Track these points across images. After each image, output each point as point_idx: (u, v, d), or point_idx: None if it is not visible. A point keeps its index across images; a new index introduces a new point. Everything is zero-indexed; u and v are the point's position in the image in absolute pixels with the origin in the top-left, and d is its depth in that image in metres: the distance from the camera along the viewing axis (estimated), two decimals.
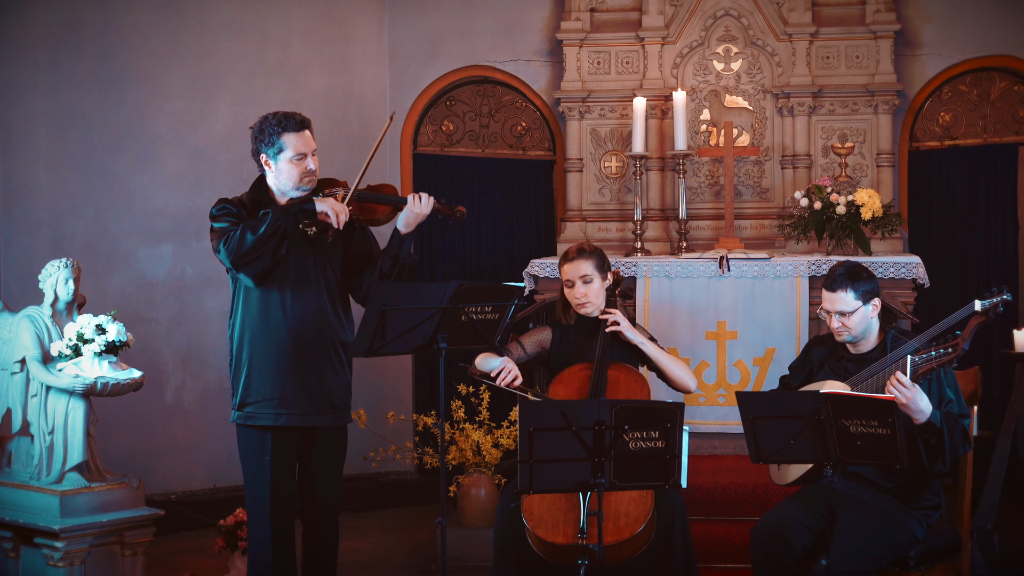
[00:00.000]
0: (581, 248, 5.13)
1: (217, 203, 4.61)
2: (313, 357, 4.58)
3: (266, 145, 4.58)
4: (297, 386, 4.57)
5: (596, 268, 5.10)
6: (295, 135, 4.57)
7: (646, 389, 4.95)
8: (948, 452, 4.44)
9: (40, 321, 5.45)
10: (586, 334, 5.12)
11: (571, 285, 5.10)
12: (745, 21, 7.61)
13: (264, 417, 4.58)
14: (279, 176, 4.61)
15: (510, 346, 5.16)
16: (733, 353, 6.67)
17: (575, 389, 4.93)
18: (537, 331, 5.25)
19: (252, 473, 4.63)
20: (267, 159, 4.61)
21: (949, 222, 7.64)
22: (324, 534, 4.74)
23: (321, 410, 4.62)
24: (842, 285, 4.62)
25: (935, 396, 4.50)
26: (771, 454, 4.29)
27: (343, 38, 7.82)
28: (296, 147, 4.57)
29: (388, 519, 7.41)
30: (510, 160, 8.03)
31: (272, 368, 4.57)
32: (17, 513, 5.36)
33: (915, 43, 7.59)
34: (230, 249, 4.45)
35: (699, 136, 7.63)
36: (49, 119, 6.91)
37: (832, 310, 4.66)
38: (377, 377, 7.70)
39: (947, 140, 7.65)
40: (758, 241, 7.44)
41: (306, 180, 4.60)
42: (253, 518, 4.66)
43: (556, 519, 4.60)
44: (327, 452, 4.71)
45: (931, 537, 4.66)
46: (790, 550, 4.51)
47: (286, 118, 4.59)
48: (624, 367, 5.01)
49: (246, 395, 4.60)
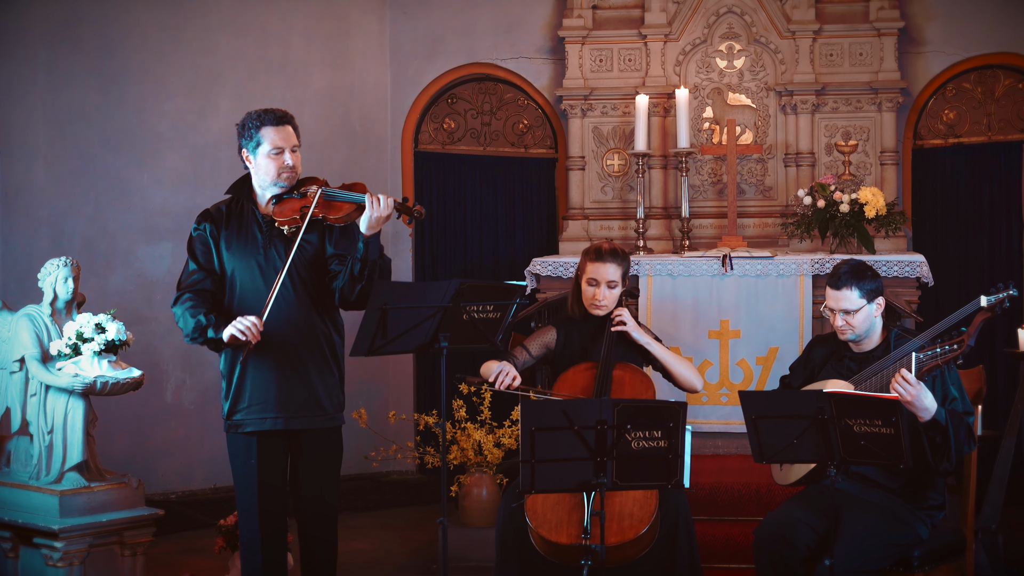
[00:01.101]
0: (615, 250, 5.05)
1: (197, 220, 4.65)
2: (296, 360, 4.54)
3: (246, 140, 4.55)
4: (281, 390, 4.54)
5: (622, 275, 5.06)
6: (273, 129, 4.52)
7: (651, 389, 4.93)
8: (954, 450, 4.43)
9: (39, 320, 5.44)
10: (592, 333, 5.09)
11: (594, 284, 5.03)
12: (748, 18, 7.58)
13: (249, 423, 4.57)
14: (258, 171, 4.56)
15: (515, 351, 5.13)
16: (736, 352, 6.67)
17: (580, 388, 4.90)
18: (541, 332, 5.21)
19: (240, 478, 4.62)
20: (247, 154, 4.57)
21: (953, 220, 7.63)
22: (320, 535, 4.72)
23: (309, 412, 4.58)
24: (847, 283, 4.60)
25: (939, 394, 4.48)
26: (774, 454, 4.28)
27: (344, 36, 7.80)
28: (273, 141, 4.51)
29: (389, 519, 7.40)
30: (512, 158, 8.02)
31: (254, 374, 4.55)
32: (16, 513, 5.35)
33: (919, 40, 7.57)
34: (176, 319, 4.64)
35: (702, 134, 7.62)
36: (48, 117, 6.90)
37: (836, 308, 4.64)
38: (378, 376, 7.68)
39: (951, 138, 7.63)
40: (761, 239, 7.43)
41: (283, 176, 4.54)
42: (243, 521, 4.64)
43: (560, 519, 4.59)
44: (317, 455, 4.65)
45: (935, 537, 4.65)
46: (794, 550, 4.50)
47: (266, 112, 4.55)
48: (630, 367, 4.98)
49: (232, 403, 4.60)
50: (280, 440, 4.60)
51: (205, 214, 4.64)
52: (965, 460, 4.75)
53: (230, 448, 4.65)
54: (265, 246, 4.54)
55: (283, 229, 4.52)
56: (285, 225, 4.51)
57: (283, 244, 4.53)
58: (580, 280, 5.11)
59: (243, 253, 4.55)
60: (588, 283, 5.05)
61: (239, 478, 4.63)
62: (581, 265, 5.10)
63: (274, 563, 4.61)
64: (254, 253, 4.54)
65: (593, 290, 5.04)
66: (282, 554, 4.67)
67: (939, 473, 4.56)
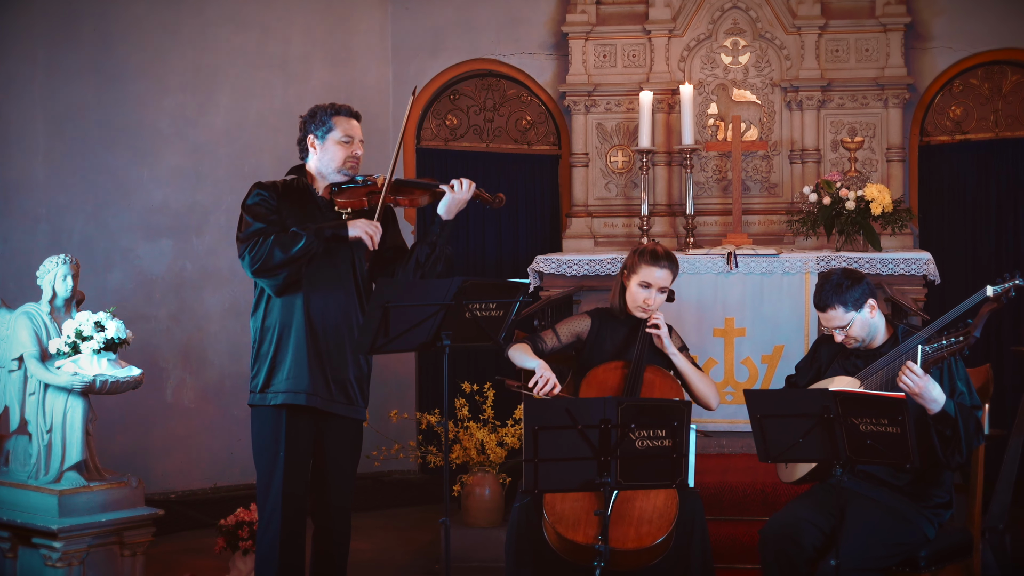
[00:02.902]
0: (671, 255, 5.06)
1: (252, 190, 4.64)
2: (334, 346, 4.61)
3: (316, 126, 4.72)
4: (317, 372, 4.58)
5: (673, 281, 5.05)
6: (346, 119, 4.74)
7: (680, 396, 4.92)
8: (964, 442, 4.42)
9: (38, 318, 5.44)
10: (625, 332, 5.08)
11: (646, 287, 5.02)
12: (753, 14, 7.55)
13: (283, 396, 4.57)
14: (323, 156, 4.70)
15: (544, 334, 5.15)
16: (741, 350, 6.65)
17: (611, 387, 4.92)
18: (576, 319, 5.22)
19: (263, 454, 4.62)
20: (314, 140, 4.71)
21: (960, 217, 7.60)
22: (336, 537, 4.75)
23: (341, 398, 4.64)
24: (830, 303, 4.61)
25: (947, 389, 4.47)
26: (779, 453, 4.28)
27: (345, 31, 7.79)
28: (346, 130, 4.71)
29: (391, 519, 7.39)
30: (515, 155, 7.99)
31: (294, 355, 4.58)
32: (15, 513, 5.35)
33: (925, 36, 7.54)
34: (255, 259, 4.48)
35: (706, 130, 7.59)
36: (47, 113, 6.89)
37: (830, 327, 4.67)
38: (380, 375, 7.59)
39: (958, 134, 7.60)
40: (766, 237, 7.40)
41: (348, 164, 4.72)
42: (263, 516, 4.64)
43: (578, 517, 4.59)
44: (341, 449, 4.71)
45: (942, 537, 4.65)
46: (800, 550, 4.50)
47: (341, 105, 4.78)
48: (660, 371, 5.00)
49: (267, 378, 4.60)
50: (308, 419, 4.63)
51: (259, 184, 4.68)
52: (972, 459, 4.73)
53: (255, 426, 4.65)
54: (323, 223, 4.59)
55: (344, 212, 4.63)
56: (349, 207, 4.64)
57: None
58: (627, 279, 5.09)
59: (301, 226, 4.55)
60: (640, 285, 5.04)
61: (262, 455, 4.63)
62: (632, 265, 5.07)
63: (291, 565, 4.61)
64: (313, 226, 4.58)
65: (646, 293, 5.03)
66: (300, 556, 4.66)
67: (950, 467, 4.54)
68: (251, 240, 4.50)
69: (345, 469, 4.74)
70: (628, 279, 5.07)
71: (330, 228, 4.55)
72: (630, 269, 5.07)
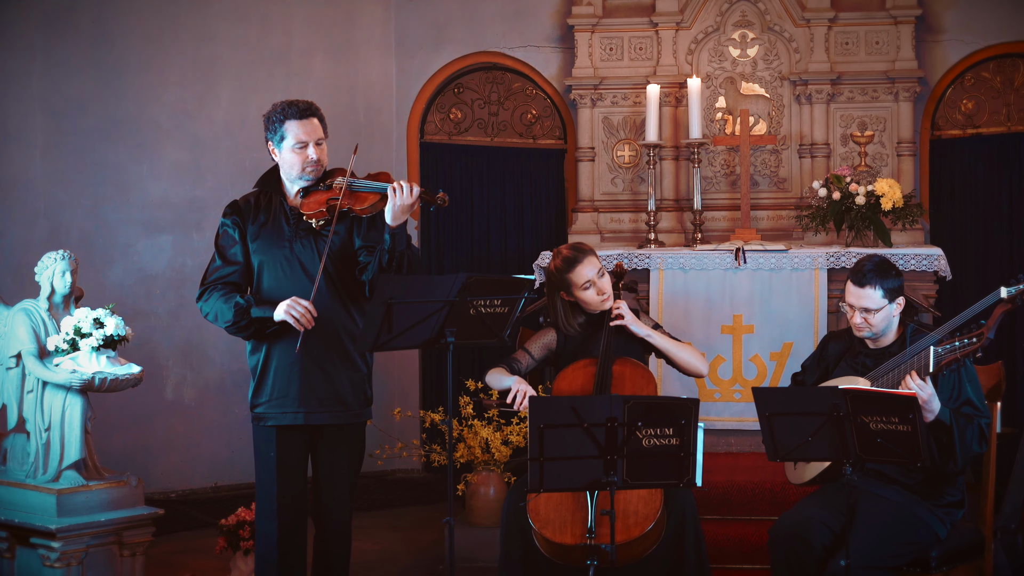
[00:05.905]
0: (577, 247, 4.97)
1: (224, 213, 4.67)
2: (321, 354, 4.56)
3: (271, 133, 4.64)
4: (303, 385, 4.57)
5: (600, 262, 4.97)
6: (298, 123, 4.57)
7: (652, 384, 4.88)
8: (959, 450, 4.41)
9: (36, 315, 5.42)
10: (591, 329, 5.02)
11: (588, 286, 4.91)
12: (762, 6, 7.52)
13: (271, 417, 4.61)
14: (283, 163, 4.65)
15: (518, 355, 5.08)
16: (749, 348, 6.64)
17: (579, 386, 4.87)
18: (541, 335, 5.14)
19: (261, 471, 4.67)
20: (273, 147, 4.65)
21: (972, 213, 7.57)
22: (334, 538, 4.74)
23: (330, 407, 4.61)
24: (871, 281, 4.57)
25: (956, 392, 4.47)
26: (789, 451, 4.27)
27: (347, 23, 7.77)
28: (297, 135, 4.57)
29: (394, 518, 7.38)
30: (520, 149, 7.96)
31: (279, 367, 4.58)
32: (12, 512, 5.33)
33: (936, 28, 7.49)
34: (204, 314, 4.62)
35: (714, 124, 7.54)
36: (45, 107, 6.89)
37: (857, 306, 4.62)
38: (383, 373, 7.64)
39: (970, 128, 7.55)
40: (775, 232, 7.36)
41: (308, 170, 4.61)
42: (260, 518, 4.67)
43: (564, 519, 4.56)
44: (337, 453, 4.69)
45: (953, 537, 4.64)
46: (810, 550, 4.48)
47: (290, 105, 4.61)
48: (630, 362, 4.92)
49: (257, 395, 4.64)
50: (301, 435, 4.64)
51: (233, 206, 4.70)
52: (984, 458, 4.73)
53: (254, 439, 4.70)
54: (292, 239, 4.59)
55: (311, 222, 4.56)
56: (313, 219, 4.55)
57: (311, 237, 4.57)
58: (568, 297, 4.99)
59: (270, 246, 4.59)
60: (583, 289, 4.93)
61: (259, 469, 4.67)
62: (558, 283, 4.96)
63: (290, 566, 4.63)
64: (281, 246, 4.59)
65: (593, 291, 4.92)
66: (300, 556, 4.68)
67: (944, 473, 4.54)
68: (203, 291, 4.61)
69: (341, 475, 4.71)
70: (570, 296, 4.96)
71: (259, 309, 4.50)
72: (562, 287, 4.93)
